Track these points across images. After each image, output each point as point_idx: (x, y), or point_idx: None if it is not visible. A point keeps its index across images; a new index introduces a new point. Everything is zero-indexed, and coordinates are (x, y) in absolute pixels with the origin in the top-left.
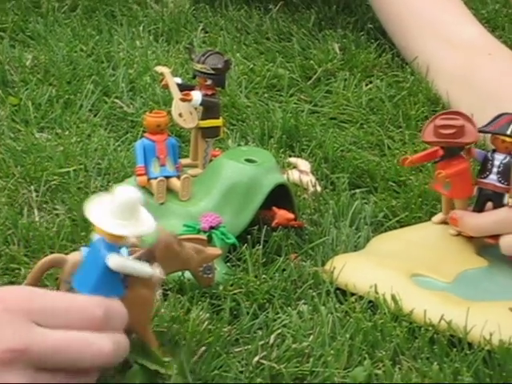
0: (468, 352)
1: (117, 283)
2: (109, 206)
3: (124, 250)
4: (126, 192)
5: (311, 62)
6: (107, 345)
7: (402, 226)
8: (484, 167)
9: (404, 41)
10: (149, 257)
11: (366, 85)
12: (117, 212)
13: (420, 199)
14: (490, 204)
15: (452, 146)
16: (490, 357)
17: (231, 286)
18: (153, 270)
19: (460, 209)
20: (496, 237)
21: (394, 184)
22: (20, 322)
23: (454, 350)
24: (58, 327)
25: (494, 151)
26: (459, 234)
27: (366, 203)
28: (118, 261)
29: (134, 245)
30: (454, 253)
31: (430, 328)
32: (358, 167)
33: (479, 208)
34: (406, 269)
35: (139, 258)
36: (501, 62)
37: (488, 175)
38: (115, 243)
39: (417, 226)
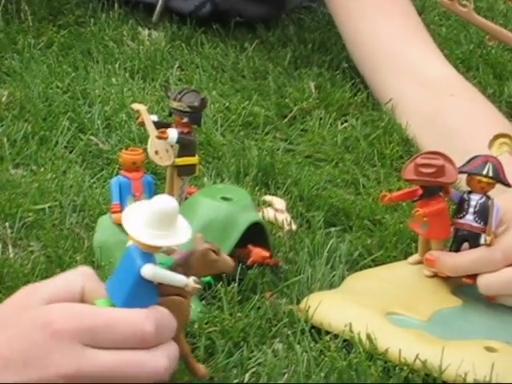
0: None
1: (151, 291)
2: (145, 215)
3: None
4: (163, 201)
5: (287, 100)
6: (162, 362)
7: (377, 265)
8: (460, 207)
9: (374, 80)
10: (185, 265)
11: (342, 123)
12: (153, 222)
13: (395, 238)
14: (466, 244)
15: (431, 186)
16: None
17: (206, 324)
18: (187, 279)
19: (436, 250)
20: (473, 277)
21: (369, 222)
22: (69, 345)
23: None
24: (109, 345)
25: (469, 192)
26: (435, 275)
27: (341, 242)
28: (151, 271)
29: (170, 251)
30: (429, 292)
31: (405, 367)
32: (334, 205)
33: (455, 248)
34: (381, 307)
35: (175, 267)
36: (466, 103)
37: (464, 215)
38: (150, 251)
39: (392, 265)
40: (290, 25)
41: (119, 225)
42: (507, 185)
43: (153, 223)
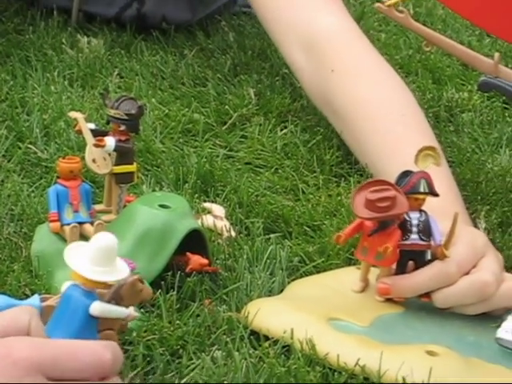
0: None
1: (94, 328)
2: (87, 252)
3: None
4: (105, 238)
5: (226, 107)
6: None
7: (318, 272)
8: (404, 229)
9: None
10: (116, 297)
11: (281, 130)
12: (96, 259)
13: (337, 245)
14: (411, 263)
15: (388, 219)
16: None
17: (145, 332)
18: (128, 310)
19: (385, 275)
20: (428, 295)
21: (308, 229)
22: (30, 376)
23: None
24: (69, 375)
25: None
26: (390, 299)
27: (280, 248)
28: (100, 307)
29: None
30: (370, 298)
31: (344, 373)
32: (273, 212)
33: (401, 270)
34: (323, 313)
35: (108, 300)
36: (346, 82)
37: (409, 236)
38: (92, 290)
39: (334, 272)
40: (229, 31)
41: (57, 234)
42: (436, 195)
43: (97, 260)
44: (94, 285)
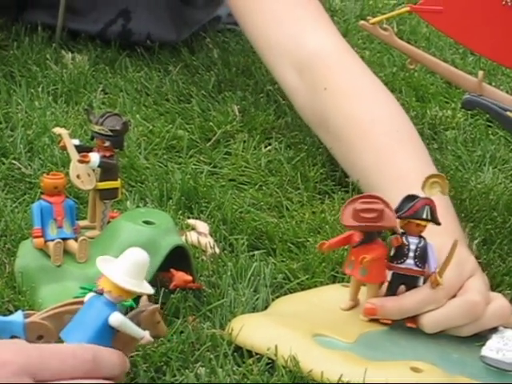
0: None
1: (108, 340)
2: (122, 263)
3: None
4: (140, 253)
5: (211, 123)
6: None
7: (303, 289)
8: (400, 252)
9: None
10: (134, 320)
11: (265, 147)
12: (129, 270)
13: (320, 262)
14: (402, 287)
15: (372, 230)
16: None
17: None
18: (144, 332)
19: (372, 295)
20: (414, 320)
21: (292, 245)
22: (19, 379)
23: None
24: (53, 376)
25: (403, 234)
26: (377, 320)
27: (264, 265)
28: (120, 318)
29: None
30: (355, 315)
31: None
32: (257, 229)
33: (392, 292)
34: (307, 329)
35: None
36: (341, 101)
37: (405, 260)
38: (116, 300)
39: (319, 289)
40: (214, 48)
41: (41, 250)
42: (438, 223)
43: (130, 272)
44: (122, 294)
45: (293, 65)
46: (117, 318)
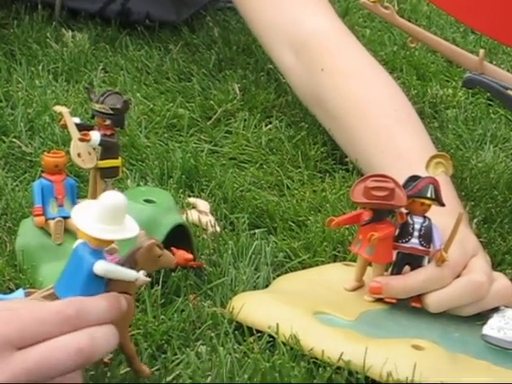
0: None
1: (100, 288)
2: (95, 210)
3: None
4: (113, 196)
5: (211, 102)
6: (83, 341)
7: (304, 268)
8: (405, 231)
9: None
10: (131, 261)
11: (266, 125)
12: (103, 217)
13: (321, 241)
14: (407, 267)
15: (382, 209)
16: None
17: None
18: (137, 273)
19: (378, 274)
20: (418, 299)
21: (293, 224)
22: (0, 351)
23: None
24: (37, 340)
25: (408, 214)
26: (380, 299)
27: (265, 243)
28: (104, 266)
29: (113, 250)
30: (358, 294)
31: (328, 368)
32: (258, 207)
33: (397, 272)
34: (309, 307)
35: (122, 263)
36: (337, 82)
37: (410, 239)
38: (99, 248)
39: (320, 268)
40: (214, 27)
41: (42, 228)
42: (442, 204)
43: (104, 218)
44: (100, 243)
45: (290, 46)
46: (101, 267)
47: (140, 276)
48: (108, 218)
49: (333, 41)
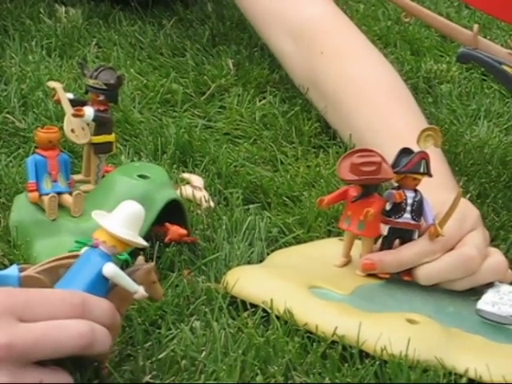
0: (359, 367)
1: (102, 293)
2: (117, 216)
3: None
4: (134, 206)
5: (205, 77)
6: (84, 327)
7: (298, 243)
8: (398, 207)
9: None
10: (129, 277)
11: (260, 100)
12: (125, 222)
13: (318, 218)
14: (397, 241)
15: (371, 184)
16: (382, 371)
17: None
18: (138, 287)
19: (367, 249)
20: (410, 273)
21: (287, 199)
22: (4, 318)
23: (346, 365)
24: (41, 319)
25: (399, 188)
26: (373, 275)
27: (260, 219)
28: (113, 268)
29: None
30: (352, 268)
31: (323, 343)
32: (252, 183)
33: (388, 246)
34: (304, 281)
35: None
36: (335, 66)
37: (402, 214)
38: (112, 252)
39: (315, 243)
40: (208, 2)
41: (35, 204)
42: (430, 176)
43: (125, 223)
44: (118, 244)
45: (288, 33)
46: (110, 268)
47: (141, 290)
48: (129, 223)
49: (332, 26)
